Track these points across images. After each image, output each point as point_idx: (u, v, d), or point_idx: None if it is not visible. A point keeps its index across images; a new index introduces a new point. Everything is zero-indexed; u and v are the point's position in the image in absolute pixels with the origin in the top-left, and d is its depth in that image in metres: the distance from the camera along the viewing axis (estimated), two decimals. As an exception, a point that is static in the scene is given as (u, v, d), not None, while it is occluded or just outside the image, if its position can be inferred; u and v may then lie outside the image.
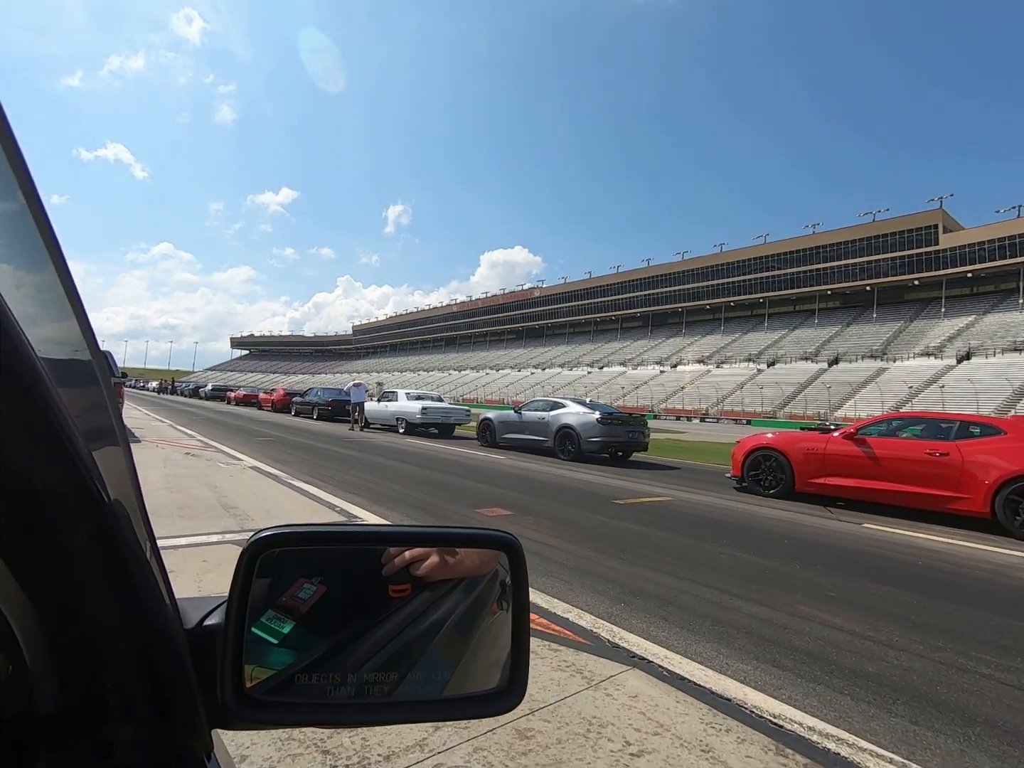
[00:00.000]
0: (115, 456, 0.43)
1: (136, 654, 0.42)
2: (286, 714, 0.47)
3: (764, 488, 7.84)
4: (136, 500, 0.45)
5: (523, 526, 5.08)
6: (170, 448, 9.39)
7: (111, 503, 0.39)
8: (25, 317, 0.34)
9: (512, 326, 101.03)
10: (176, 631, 0.45)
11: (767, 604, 3.32)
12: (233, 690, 0.45)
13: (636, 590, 3.49)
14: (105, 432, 0.43)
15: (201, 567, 3.44)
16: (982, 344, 50.86)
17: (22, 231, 0.36)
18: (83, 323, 0.41)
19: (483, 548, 0.55)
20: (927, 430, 6.94)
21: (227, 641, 0.46)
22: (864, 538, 5.44)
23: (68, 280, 0.39)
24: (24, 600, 0.37)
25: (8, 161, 0.34)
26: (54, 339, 0.39)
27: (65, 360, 0.40)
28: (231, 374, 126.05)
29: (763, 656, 2.62)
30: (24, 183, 0.35)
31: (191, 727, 0.45)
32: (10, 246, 0.36)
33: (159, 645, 0.43)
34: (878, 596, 3.60)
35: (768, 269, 70.91)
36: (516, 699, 0.52)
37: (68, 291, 0.39)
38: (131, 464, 0.46)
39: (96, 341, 0.43)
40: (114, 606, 0.40)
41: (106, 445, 0.43)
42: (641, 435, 11.41)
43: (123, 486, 0.43)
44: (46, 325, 0.39)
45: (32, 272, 0.37)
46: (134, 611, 0.41)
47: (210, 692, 0.46)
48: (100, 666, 0.40)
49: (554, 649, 2.57)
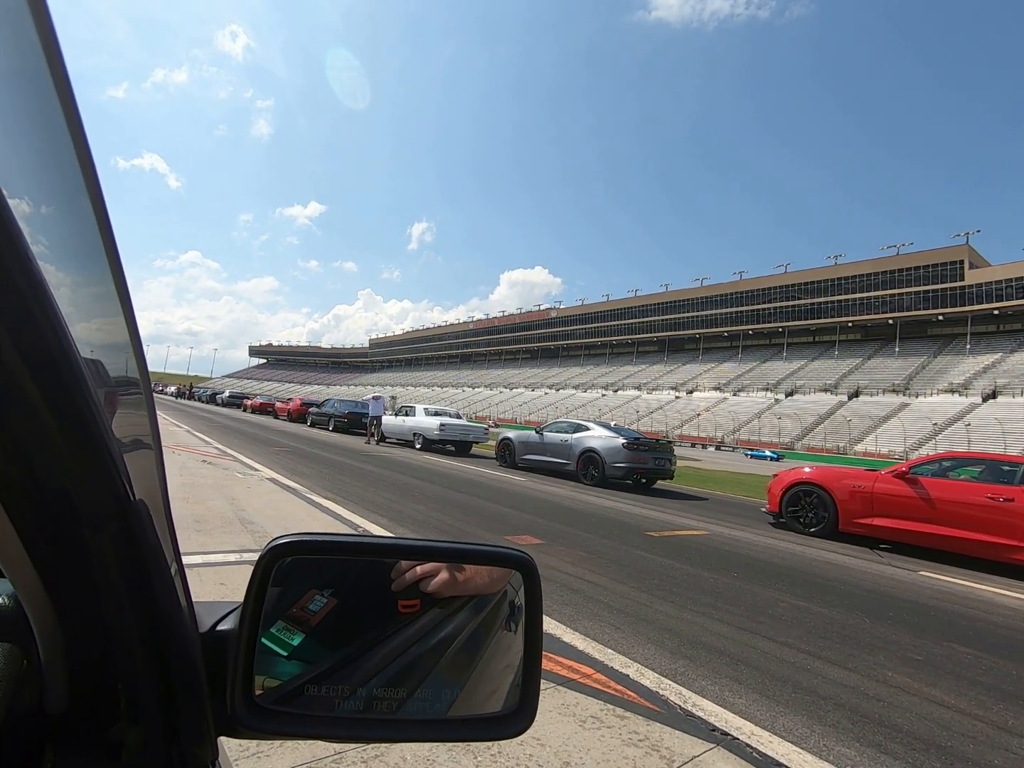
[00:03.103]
0: (147, 459, 0.44)
1: (149, 655, 0.41)
2: (293, 725, 0.46)
3: (804, 526, 7.40)
4: (163, 503, 0.45)
5: (558, 557, 4.73)
6: (187, 455, 9.19)
7: (135, 504, 0.39)
8: (75, 315, 0.34)
9: (528, 345, 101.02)
10: (190, 635, 0.45)
11: (850, 668, 2.93)
12: (243, 698, 0.45)
13: (696, 642, 3.13)
14: (140, 434, 0.44)
15: (218, 591, 3.15)
16: (1009, 383, 49.61)
17: (85, 232, 0.36)
18: (131, 327, 0.41)
19: (498, 566, 0.54)
20: (987, 472, 6.49)
21: (239, 648, 0.45)
22: (925, 588, 4.99)
23: (122, 284, 0.39)
24: (44, 596, 0.37)
25: (80, 165, 0.34)
26: (102, 342, 0.40)
27: (110, 362, 0.41)
28: (248, 382, 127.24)
29: (865, 738, 2.24)
30: (92, 186, 0.35)
31: (198, 733, 0.44)
32: (70, 246, 0.37)
33: (172, 647, 0.42)
34: (969, 663, 3.19)
35: (788, 298, 70.27)
36: (525, 724, 0.51)
37: (121, 294, 0.39)
38: (161, 467, 0.46)
39: (141, 345, 0.43)
40: (131, 605, 0.40)
41: (139, 448, 0.43)
42: (668, 462, 10.99)
43: (151, 489, 0.43)
44: (96, 324, 0.39)
45: (88, 273, 0.38)
46: (150, 612, 0.41)
47: (218, 699, 0.45)
48: (112, 666, 0.40)
49: (620, 716, 2.22)
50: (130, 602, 0.40)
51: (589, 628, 3.18)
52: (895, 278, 62.59)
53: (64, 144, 0.33)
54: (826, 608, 4.03)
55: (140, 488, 0.40)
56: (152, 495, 0.43)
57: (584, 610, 3.48)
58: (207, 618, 0.50)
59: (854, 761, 2.07)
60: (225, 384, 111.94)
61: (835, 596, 4.39)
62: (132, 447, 0.41)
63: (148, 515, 0.41)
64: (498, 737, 0.51)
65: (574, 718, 2.16)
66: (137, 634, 0.41)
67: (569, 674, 2.55)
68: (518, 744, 1.92)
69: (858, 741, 2.21)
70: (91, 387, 0.35)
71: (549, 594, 3.70)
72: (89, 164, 0.35)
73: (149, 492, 0.42)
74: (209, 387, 73.43)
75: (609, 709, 2.27)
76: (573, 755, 1.91)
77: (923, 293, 60.55)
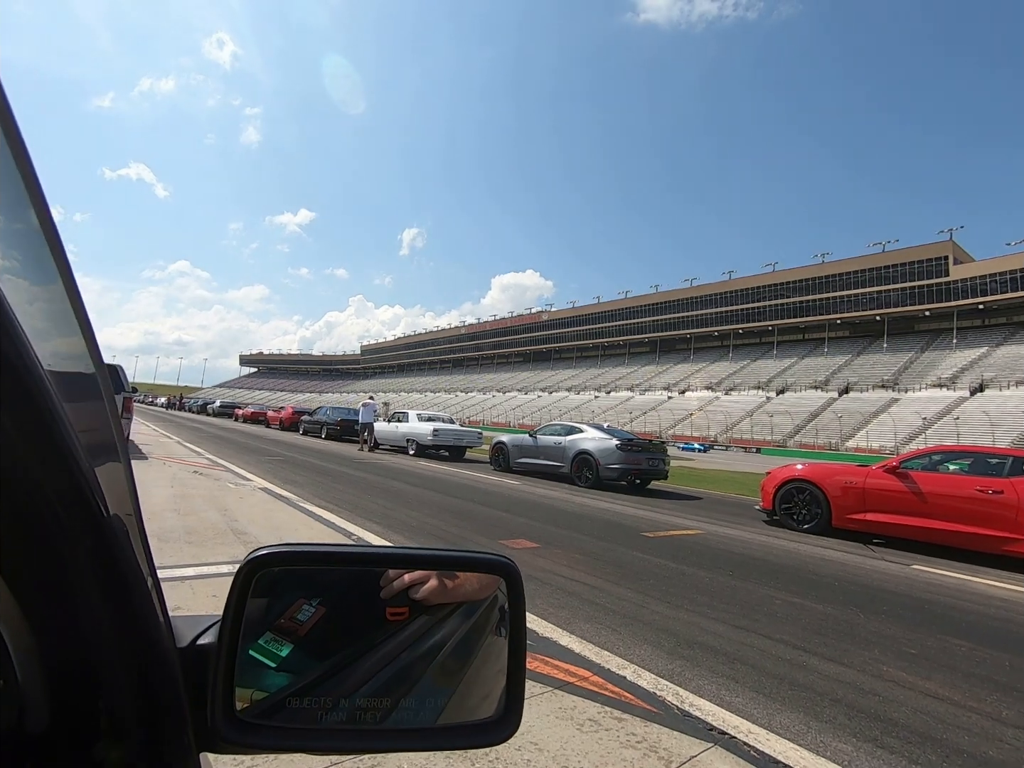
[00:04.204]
0: (116, 472, 0.44)
1: (128, 672, 0.41)
2: (275, 739, 0.46)
3: (797, 522, 7.44)
4: (135, 516, 0.45)
5: (553, 561, 4.72)
6: (178, 466, 9.10)
7: (110, 518, 0.39)
8: (34, 331, 0.34)
9: (520, 349, 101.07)
10: (168, 649, 0.44)
11: (845, 663, 2.94)
12: (223, 712, 0.44)
13: (692, 641, 3.13)
14: (107, 448, 0.43)
15: (211, 603, 3.12)
16: (996, 376, 50.22)
17: (35, 247, 0.36)
18: (89, 338, 0.41)
19: (480, 572, 0.54)
20: (975, 465, 6.56)
21: (219, 661, 0.45)
22: (919, 582, 5.03)
23: (76, 295, 0.39)
24: (19, 613, 0.36)
25: (23, 179, 0.34)
26: (62, 353, 0.40)
27: (71, 374, 0.40)
28: (239, 391, 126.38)
29: (862, 733, 2.24)
30: (37, 201, 0.35)
31: (180, 749, 0.43)
32: (23, 261, 0.37)
33: (151, 664, 0.42)
34: (963, 655, 3.21)
35: (777, 297, 70.80)
36: (511, 730, 0.50)
37: (75, 306, 0.39)
38: (131, 480, 0.46)
39: (101, 357, 0.43)
40: (108, 622, 0.39)
41: (108, 461, 0.43)
42: (662, 463, 11.01)
43: (123, 502, 0.43)
44: (54, 339, 0.39)
45: (42, 287, 0.38)
46: (128, 627, 0.41)
47: (200, 713, 0.44)
48: (91, 683, 0.39)
49: (618, 718, 2.22)
50: (108, 617, 0.40)
51: (586, 630, 3.18)
52: (882, 275, 63.25)
53: (4, 157, 0.33)
54: (821, 604, 4.04)
55: (112, 502, 0.39)
56: (125, 509, 0.43)
57: (580, 613, 3.48)
58: (188, 632, 0.49)
59: (851, 756, 2.07)
60: (216, 394, 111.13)
61: (829, 592, 4.41)
62: (101, 461, 0.40)
63: (123, 529, 0.41)
64: (484, 744, 0.50)
65: (572, 721, 2.16)
66: (116, 650, 0.40)
67: (566, 677, 2.54)
68: (515, 749, 1.91)
69: (855, 736, 2.22)
70: (56, 401, 0.34)
71: (545, 597, 3.69)
72: (32, 176, 0.34)
73: (122, 506, 0.42)
74: (200, 397, 72.85)
75: (607, 711, 2.26)
76: (571, 759, 1.90)
77: (909, 289, 61.21)
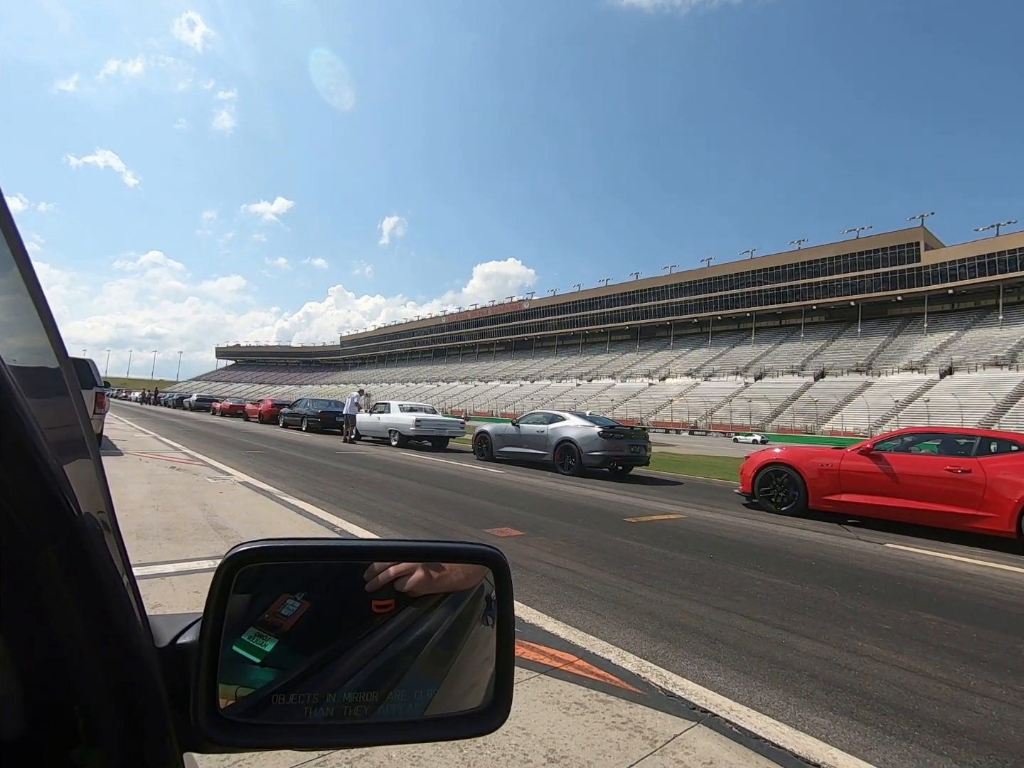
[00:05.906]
0: (86, 469, 0.43)
1: (105, 674, 0.39)
2: (260, 737, 0.45)
3: (775, 505, 7.60)
4: (108, 514, 0.44)
5: (538, 548, 4.76)
6: (155, 462, 8.93)
7: (81, 517, 0.38)
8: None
9: (501, 338, 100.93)
10: (147, 649, 0.43)
11: (822, 640, 3.02)
12: (206, 712, 0.44)
13: (675, 623, 3.19)
14: (76, 444, 0.42)
15: (193, 600, 3.08)
16: (964, 359, 51.70)
17: None
18: (52, 332, 0.40)
19: (467, 562, 0.53)
20: (945, 446, 6.76)
21: (201, 660, 0.44)
22: (892, 560, 5.19)
23: (36, 288, 0.38)
24: None
25: None
26: (23, 348, 0.39)
27: (34, 370, 0.39)
28: (216, 384, 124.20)
29: (838, 706, 2.32)
30: None
31: (161, 751, 0.42)
32: None
33: (128, 665, 0.41)
34: (934, 629, 3.32)
35: (755, 284, 71.72)
36: (500, 719, 0.50)
37: (36, 300, 0.38)
38: (102, 477, 0.45)
39: (65, 351, 0.42)
40: (83, 623, 0.38)
41: (77, 458, 0.42)
42: (643, 449, 11.15)
43: (94, 500, 0.42)
44: (15, 335, 0.38)
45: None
46: (104, 629, 0.40)
47: (182, 714, 0.44)
48: (67, 687, 0.38)
49: (603, 700, 2.25)
50: (82, 619, 0.38)
51: (571, 616, 3.21)
52: (856, 261, 64.42)
53: None
54: (799, 584, 4.15)
55: (84, 501, 0.38)
56: (97, 507, 0.41)
57: (565, 599, 3.52)
58: (168, 631, 0.48)
59: (828, 729, 2.14)
60: (192, 387, 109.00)
61: (807, 572, 4.53)
62: (70, 458, 0.39)
63: (96, 528, 0.40)
64: (473, 734, 0.50)
65: (558, 705, 2.19)
66: (92, 651, 0.39)
67: (552, 662, 2.57)
68: (503, 734, 1.93)
69: (831, 710, 2.29)
70: (20, 398, 0.33)
71: (531, 584, 3.72)
72: None
73: (94, 504, 0.41)
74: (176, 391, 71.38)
75: (592, 694, 2.30)
76: (558, 742, 1.93)
77: (882, 275, 62.48)
